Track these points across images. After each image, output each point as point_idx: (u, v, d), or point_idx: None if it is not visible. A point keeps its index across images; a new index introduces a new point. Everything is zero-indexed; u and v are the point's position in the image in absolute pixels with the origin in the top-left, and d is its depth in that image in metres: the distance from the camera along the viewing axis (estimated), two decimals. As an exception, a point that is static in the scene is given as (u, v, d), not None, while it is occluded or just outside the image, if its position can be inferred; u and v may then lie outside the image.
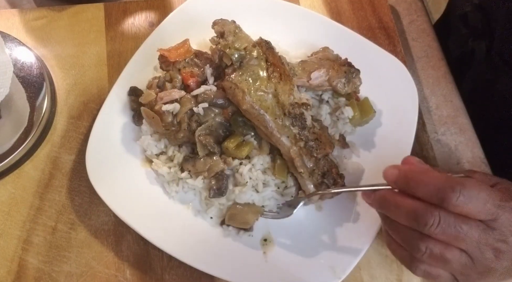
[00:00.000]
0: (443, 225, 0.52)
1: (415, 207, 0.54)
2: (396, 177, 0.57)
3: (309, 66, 0.82)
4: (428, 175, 0.55)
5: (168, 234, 0.73)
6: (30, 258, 0.75)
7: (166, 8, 0.98)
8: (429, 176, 0.54)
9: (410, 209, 0.54)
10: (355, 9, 1.01)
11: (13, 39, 0.90)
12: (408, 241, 0.56)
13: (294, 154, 0.73)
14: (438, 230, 0.53)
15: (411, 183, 0.55)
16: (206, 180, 0.76)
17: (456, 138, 0.90)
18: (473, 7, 0.96)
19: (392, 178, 0.57)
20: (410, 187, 0.55)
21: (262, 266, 0.73)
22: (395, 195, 0.57)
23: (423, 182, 0.54)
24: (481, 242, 0.54)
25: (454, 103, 0.94)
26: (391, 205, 0.57)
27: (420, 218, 0.53)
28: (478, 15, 0.95)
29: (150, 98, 0.76)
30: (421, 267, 0.57)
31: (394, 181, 0.57)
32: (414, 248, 0.55)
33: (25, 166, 0.82)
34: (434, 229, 0.53)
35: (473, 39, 0.97)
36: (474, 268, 0.55)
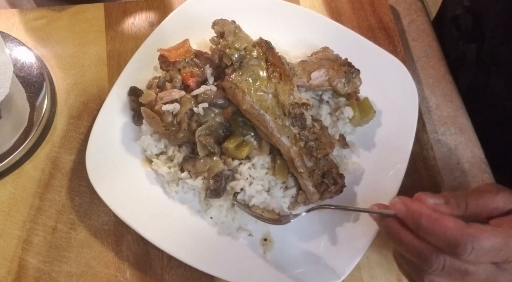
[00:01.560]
0: (448, 269, 0.51)
1: (420, 248, 0.52)
2: (403, 214, 0.54)
3: (309, 66, 0.82)
4: (440, 225, 0.51)
5: (168, 234, 0.73)
6: (30, 258, 0.75)
7: (166, 8, 0.98)
8: (440, 226, 0.51)
9: (415, 249, 0.53)
10: (355, 9, 1.01)
11: (13, 39, 0.90)
12: (412, 269, 0.55)
13: (294, 154, 0.73)
14: (442, 273, 0.51)
15: (420, 227, 0.52)
16: (205, 181, 0.76)
17: (456, 138, 0.90)
18: (464, 10, 0.96)
19: (399, 213, 0.55)
20: (419, 232, 0.53)
21: (262, 266, 0.73)
22: (401, 230, 0.55)
23: (433, 233, 0.51)
24: (488, 280, 0.52)
25: (454, 103, 0.94)
26: (396, 238, 0.55)
27: (425, 260, 0.52)
28: (469, 17, 0.95)
29: (150, 98, 0.77)
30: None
31: (402, 216, 0.55)
32: (417, 276, 0.54)
33: (25, 166, 0.82)
34: (439, 272, 0.51)
35: (464, 41, 0.97)
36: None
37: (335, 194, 0.75)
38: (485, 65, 0.93)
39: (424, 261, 0.52)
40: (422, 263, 0.52)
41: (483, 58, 0.93)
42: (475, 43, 0.94)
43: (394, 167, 0.79)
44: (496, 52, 0.90)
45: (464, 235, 0.49)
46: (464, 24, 0.96)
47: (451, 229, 0.50)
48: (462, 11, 0.97)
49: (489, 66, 0.91)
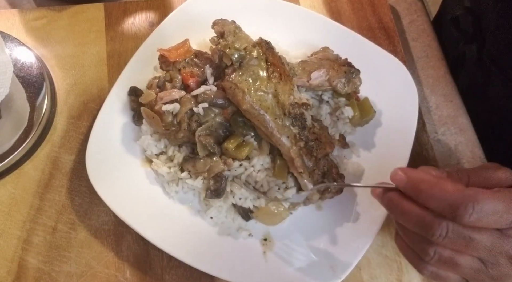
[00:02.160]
0: (452, 236, 0.50)
1: (422, 216, 0.52)
2: (404, 184, 0.54)
3: (309, 66, 0.82)
4: (440, 188, 0.51)
5: (168, 234, 0.73)
6: (30, 258, 0.75)
7: (166, 8, 0.98)
8: (440, 189, 0.51)
9: (418, 217, 0.52)
10: (355, 9, 1.01)
11: (13, 39, 0.90)
12: (416, 244, 0.54)
13: (294, 154, 0.73)
14: (446, 240, 0.51)
15: (421, 194, 0.52)
16: (205, 181, 0.76)
17: (456, 138, 0.90)
18: (464, 11, 0.96)
19: (400, 183, 0.55)
20: (419, 197, 0.52)
21: (262, 266, 0.73)
22: (402, 200, 0.54)
23: (433, 196, 0.51)
24: (494, 250, 0.51)
25: (454, 103, 0.94)
26: (398, 210, 0.55)
27: (427, 228, 0.51)
28: (469, 18, 0.95)
29: (150, 98, 0.76)
30: (429, 268, 0.55)
31: (403, 186, 0.55)
32: (422, 251, 0.53)
33: (25, 166, 0.82)
34: (442, 240, 0.51)
35: (464, 42, 0.97)
36: (487, 273, 0.52)
37: (335, 194, 0.75)
38: (485, 65, 0.93)
39: (426, 229, 0.51)
40: (425, 232, 0.51)
41: (483, 59, 0.93)
42: (475, 43, 0.94)
43: (394, 167, 0.78)
44: (496, 53, 0.90)
45: (465, 196, 0.49)
46: (464, 25, 0.96)
47: (450, 191, 0.50)
48: (462, 12, 0.97)
49: (489, 67, 0.91)
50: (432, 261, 0.53)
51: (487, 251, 0.51)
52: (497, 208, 0.49)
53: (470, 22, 0.94)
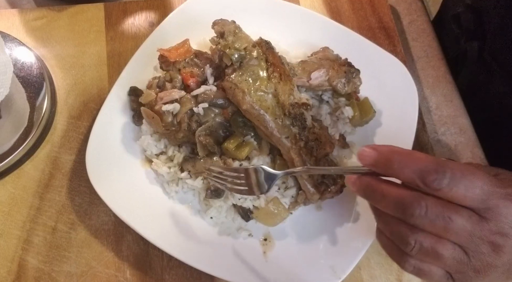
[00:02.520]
0: (430, 214, 0.48)
1: (401, 195, 0.50)
2: (374, 159, 0.51)
3: (309, 66, 0.82)
4: (412, 157, 0.49)
5: (168, 234, 0.73)
6: (30, 258, 0.75)
7: (166, 8, 0.98)
8: (412, 157, 0.49)
9: (396, 197, 0.50)
10: (355, 9, 1.01)
11: (13, 39, 0.90)
12: (396, 234, 0.52)
13: (294, 154, 0.73)
14: (425, 220, 0.49)
15: (393, 166, 0.50)
16: (205, 181, 0.76)
17: (456, 138, 0.90)
18: (465, 8, 0.96)
19: (370, 160, 0.52)
20: (391, 169, 0.50)
21: (262, 266, 0.73)
22: (380, 182, 0.52)
23: (406, 165, 0.49)
24: (474, 235, 0.49)
25: (454, 103, 0.94)
26: (377, 193, 0.52)
27: (406, 207, 0.49)
28: (470, 15, 0.95)
29: (150, 98, 0.77)
30: (411, 262, 0.52)
31: (373, 163, 0.52)
32: (403, 241, 0.51)
33: (25, 166, 0.82)
34: (421, 220, 0.49)
35: (466, 39, 0.97)
36: (469, 264, 0.51)
37: (335, 194, 0.75)
38: (486, 63, 0.93)
39: (406, 207, 0.49)
40: (404, 212, 0.49)
41: (485, 56, 0.92)
42: (476, 41, 0.94)
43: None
44: (498, 50, 0.90)
45: (437, 164, 0.48)
46: (466, 22, 0.96)
47: (423, 159, 0.49)
48: (464, 9, 0.97)
49: (490, 64, 0.91)
50: (413, 251, 0.51)
51: (468, 236, 0.49)
52: (470, 178, 0.48)
53: (471, 19, 0.94)
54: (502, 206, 0.49)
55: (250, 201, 0.76)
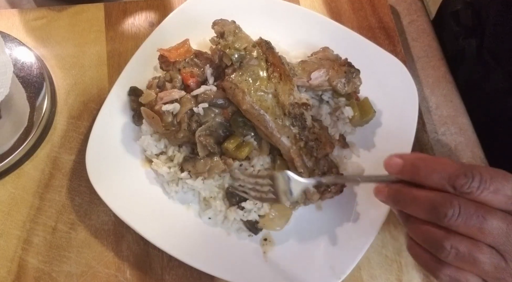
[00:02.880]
0: (464, 215, 0.48)
1: (433, 197, 0.49)
2: (401, 167, 0.52)
3: (309, 66, 0.82)
4: (438, 162, 0.50)
5: (168, 234, 0.73)
6: (30, 258, 0.75)
7: (166, 8, 0.98)
8: (439, 162, 0.50)
9: (428, 200, 0.50)
10: (355, 9, 1.01)
11: (13, 39, 0.90)
12: (430, 240, 0.51)
13: (294, 154, 0.73)
14: (459, 220, 0.48)
15: (420, 171, 0.50)
16: (206, 181, 0.76)
17: (456, 138, 0.90)
18: (464, 5, 0.96)
19: (396, 168, 0.52)
20: (420, 176, 0.50)
21: (262, 266, 0.73)
22: (411, 187, 0.52)
23: (433, 170, 0.49)
24: (510, 235, 0.48)
25: (454, 103, 0.94)
26: (408, 199, 0.52)
27: (439, 208, 0.48)
28: (469, 12, 0.95)
29: (150, 98, 0.76)
30: (447, 271, 0.51)
31: (400, 170, 0.52)
32: (438, 247, 0.50)
33: (25, 166, 0.82)
34: (455, 220, 0.48)
35: (464, 37, 0.97)
36: (507, 269, 0.49)
37: (335, 194, 0.74)
38: (484, 60, 0.93)
39: (439, 210, 0.48)
40: (437, 214, 0.49)
41: (483, 54, 0.93)
42: (475, 38, 0.94)
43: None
44: (496, 48, 0.90)
45: (466, 167, 0.48)
46: (464, 20, 0.96)
47: (451, 164, 0.49)
48: (462, 6, 0.97)
49: (488, 62, 0.91)
50: (449, 257, 0.50)
51: (504, 237, 0.48)
52: (500, 181, 0.48)
53: (470, 16, 0.94)
54: None
55: (255, 213, 0.75)
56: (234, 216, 0.75)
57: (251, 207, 0.75)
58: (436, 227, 0.50)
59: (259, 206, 0.75)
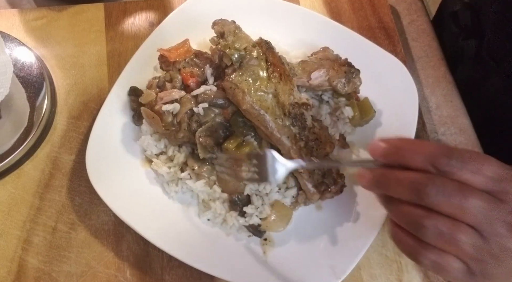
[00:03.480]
0: (445, 192, 0.48)
1: (415, 177, 0.50)
2: (384, 150, 0.53)
3: (309, 66, 0.82)
4: (420, 143, 0.52)
5: (168, 234, 0.73)
6: (30, 258, 0.75)
7: (166, 8, 0.98)
8: (422, 144, 0.52)
9: (411, 180, 0.50)
10: (355, 9, 1.01)
11: (13, 39, 0.90)
12: (412, 220, 0.51)
13: (294, 154, 0.73)
14: (440, 198, 0.48)
15: (402, 152, 0.51)
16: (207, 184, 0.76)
17: (456, 138, 0.90)
18: (463, 5, 0.96)
19: (380, 151, 0.53)
20: (402, 156, 0.51)
21: (262, 266, 0.73)
22: (394, 170, 0.53)
23: (415, 151, 0.50)
24: (490, 215, 0.48)
25: (454, 103, 0.94)
26: (391, 180, 0.52)
27: (421, 187, 0.49)
28: (468, 13, 0.95)
29: (150, 98, 0.77)
30: (429, 255, 0.51)
31: (383, 154, 0.53)
32: (419, 227, 0.50)
33: (25, 166, 0.82)
34: (435, 197, 0.48)
35: (463, 37, 0.97)
36: (487, 250, 0.49)
37: (335, 194, 0.75)
38: (483, 60, 0.93)
39: (420, 188, 0.49)
40: (419, 192, 0.49)
41: (482, 54, 0.93)
42: (474, 39, 0.94)
43: (394, 167, 0.79)
44: (495, 48, 0.90)
45: (448, 148, 0.50)
46: (463, 20, 0.96)
47: (433, 145, 0.51)
48: (461, 7, 0.97)
49: (488, 62, 0.92)
50: (430, 236, 0.50)
51: (484, 216, 0.49)
52: (479, 161, 0.49)
53: (469, 17, 0.95)
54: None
55: (256, 217, 0.75)
56: (234, 222, 0.75)
57: (252, 211, 0.74)
58: (418, 208, 0.51)
59: (261, 210, 0.75)
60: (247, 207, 0.74)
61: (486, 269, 0.50)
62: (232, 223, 0.75)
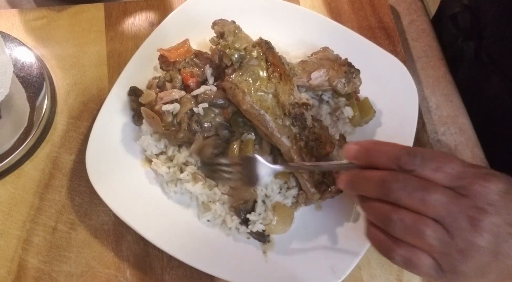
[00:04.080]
0: (408, 187, 0.51)
1: (381, 175, 0.54)
2: (355, 152, 0.57)
3: (309, 66, 0.82)
4: (387, 145, 0.55)
5: (168, 234, 0.73)
6: (30, 258, 0.75)
7: (166, 8, 0.98)
8: (388, 145, 0.55)
9: (378, 178, 0.54)
10: (355, 9, 1.01)
11: (13, 39, 0.90)
12: (380, 215, 0.54)
13: (295, 154, 0.73)
14: (404, 193, 0.51)
15: (371, 153, 0.55)
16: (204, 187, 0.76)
17: (456, 138, 0.90)
18: (462, 8, 0.97)
19: (352, 153, 0.57)
20: (370, 157, 0.55)
21: (262, 266, 0.73)
22: (364, 170, 0.56)
23: (381, 151, 0.54)
24: (452, 209, 0.50)
25: (454, 103, 0.94)
26: (361, 180, 0.56)
27: (386, 183, 0.52)
28: (467, 15, 0.95)
29: (150, 98, 0.77)
30: (400, 251, 0.53)
31: (355, 156, 0.57)
32: (387, 220, 0.53)
33: (25, 166, 0.82)
34: (400, 193, 0.51)
35: (463, 39, 0.97)
36: (453, 244, 0.50)
37: (335, 194, 0.75)
38: (483, 62, 0.93)
39: (385, 184, 0.53)
40: (384, 188, 0.53)
41: (481, 56, 0.93)
42: (473, 41, 0.94)
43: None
44: (494, 50, 0.90)
45: (412, 148, 0.54)
46: (463, 22, 0.96)
47: (397, 146, 0.54)
48: (461, 9, 0.97)
49: (487, 64, 0.92)
50: (397, 229, 0.52)
51: (446, 210, 0.50)
52: (441, 159, 0.52)
53: (468, 19, 0.95)
54: (477, 184, 0.51)
55: (260, 224, 0.75)
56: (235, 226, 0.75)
57: (255, 218, 0.74)
58: (386, 204, 0.53)
59: (263, 216, 0.75)
60: (250, 215, 0.74)
61: (454, 265, 0.52)
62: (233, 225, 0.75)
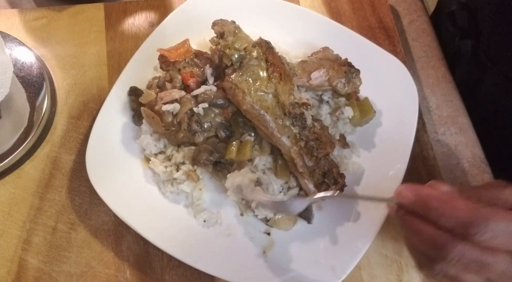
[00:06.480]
0: (465, 260, 0.48)
1: (435, 236, 0.50)
2: (413, 201, 0.52)
3: (309, 66, 0.82)
4: (450, 205, 0.49)
5: (168, 234, 0.73)
6: (30, 258, 0.75)
7: (166, 8, 0.98)
8: (451, 206, 0.49)
9: (432, 238, 0.50)
10: (355, 9, 1.01)
11: (13, 39, 0.90)
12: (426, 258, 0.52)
13: (295, 154, 0.73)
14: (459, 264, 0.49)
15: (430, 212, 0.50)
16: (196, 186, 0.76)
17: (456, 138, 0.90)
18: (460, 6, 0.97)
19: (408, 201, 0.52)
20: (429, 215, 0.50)
21: (262, 266, 0.73)
22: (415, 220, 0.52)
23: (444, 214, 0.49)
24: (506, 275, 0.49)
25: (454, 103, 0.94)
26: (412, 229, 0.53)
27: (440, 250, 0.49)
28: (464, 14, 0.95)
29: (150, 98, 0.77)
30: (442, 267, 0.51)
31: (411, 204, 0.52)
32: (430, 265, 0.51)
33: (25, 166, 0.82)
34: (455, 263, 0.48)
35: (460, 37, 0.97)
36: None
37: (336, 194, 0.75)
38: (480, 60, 0.93)
39: (440, 251, 0.49)
40: (437, 253, 0.49)
41: (479, 54, 0.93)
42: (470, 39, 0.94)
43: (394, 167, 0.79)
44: (491, 48, 0.90)
45: (477, 214, 0.48)
46: (460, 20, 0.96)
47: (462, 209, 0.48)
48: (458, 7, 0.97)
49: (484, 62, 0.92)
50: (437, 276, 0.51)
51: (499, 275, 0.49)
52: (510, 228, 0.48)
53: (466, 17, 0.95)
54: None
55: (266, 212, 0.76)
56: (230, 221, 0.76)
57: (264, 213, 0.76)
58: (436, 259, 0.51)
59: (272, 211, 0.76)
60: None
61: None
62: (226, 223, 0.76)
